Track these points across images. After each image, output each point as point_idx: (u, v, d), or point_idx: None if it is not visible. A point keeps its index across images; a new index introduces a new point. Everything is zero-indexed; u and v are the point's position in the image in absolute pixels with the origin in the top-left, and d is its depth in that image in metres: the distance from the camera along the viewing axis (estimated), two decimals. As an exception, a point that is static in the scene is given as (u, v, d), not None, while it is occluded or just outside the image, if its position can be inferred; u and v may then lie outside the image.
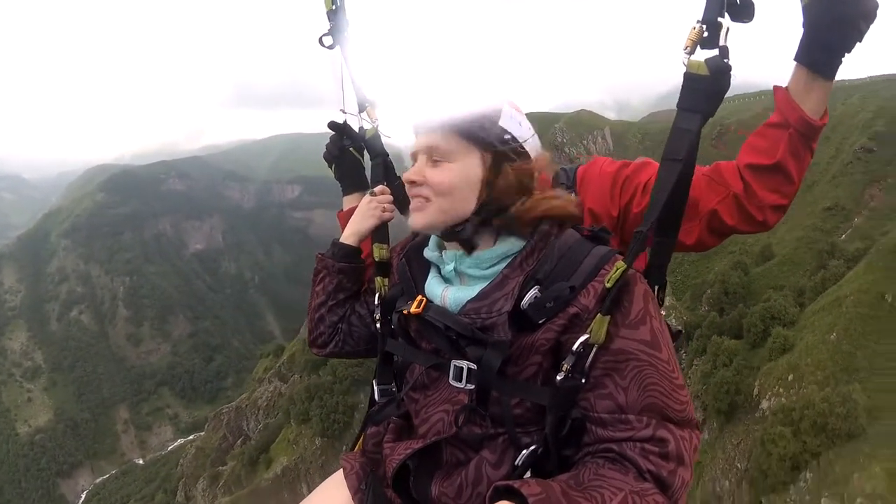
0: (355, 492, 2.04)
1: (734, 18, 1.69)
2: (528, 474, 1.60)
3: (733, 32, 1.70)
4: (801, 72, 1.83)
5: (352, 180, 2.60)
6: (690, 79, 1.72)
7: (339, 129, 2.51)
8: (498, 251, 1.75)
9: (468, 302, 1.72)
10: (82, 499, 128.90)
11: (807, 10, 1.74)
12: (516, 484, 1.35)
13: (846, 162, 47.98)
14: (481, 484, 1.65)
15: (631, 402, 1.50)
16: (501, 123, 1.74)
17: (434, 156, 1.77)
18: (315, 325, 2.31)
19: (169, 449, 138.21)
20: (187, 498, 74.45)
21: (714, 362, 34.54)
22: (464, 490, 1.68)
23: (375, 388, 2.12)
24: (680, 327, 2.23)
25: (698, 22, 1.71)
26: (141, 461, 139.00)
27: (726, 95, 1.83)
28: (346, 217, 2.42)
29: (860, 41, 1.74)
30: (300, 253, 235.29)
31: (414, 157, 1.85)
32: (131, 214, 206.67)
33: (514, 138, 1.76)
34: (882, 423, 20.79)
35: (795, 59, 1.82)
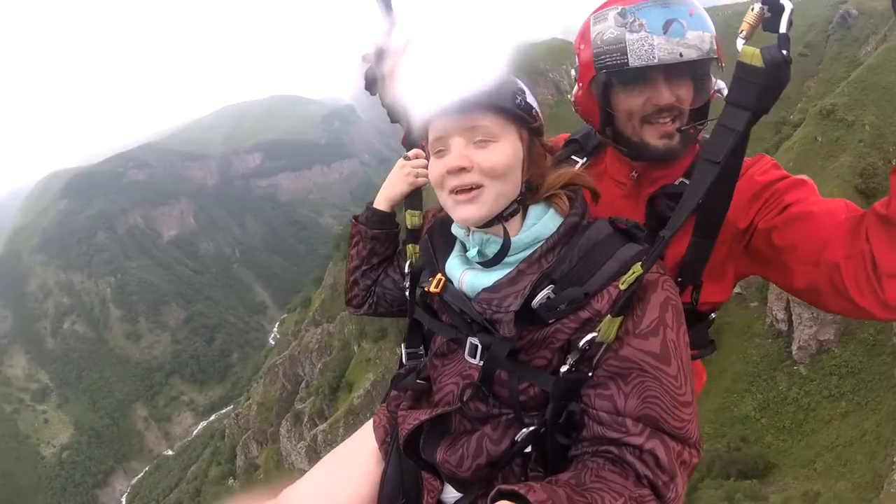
0: (381, 443, 2.12)
1: None
2: (528, 448, 1.64)
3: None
4: None
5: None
6: (742, 69, 1.58)
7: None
8: (524, 240, 1.70)
9: (483, 290, 1.71)
10: (123, 503, 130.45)
11: None
12: (522, 489, 1.32)
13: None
14: (480, 457, 1.69)
15: (629, 409, 1.49)
16: (529, 100, 1.69)
17: (478, 136, 1.64)
18: (350, 286, 2.37)
19: (194, 433, 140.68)
20: (247, 458, 79.76)
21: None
22: (464, 460, 1.72)
23: (403, 351, 2.15)
24: (713, 338, 2.26)
25: (758, 3, 1.56)
26: (170, 452, 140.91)
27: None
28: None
29: None
30: (273, 220, 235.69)
31: (442, 141, 1.69)
32: (99, 214, 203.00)
33: (538, 113, 1.71)
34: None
35: None
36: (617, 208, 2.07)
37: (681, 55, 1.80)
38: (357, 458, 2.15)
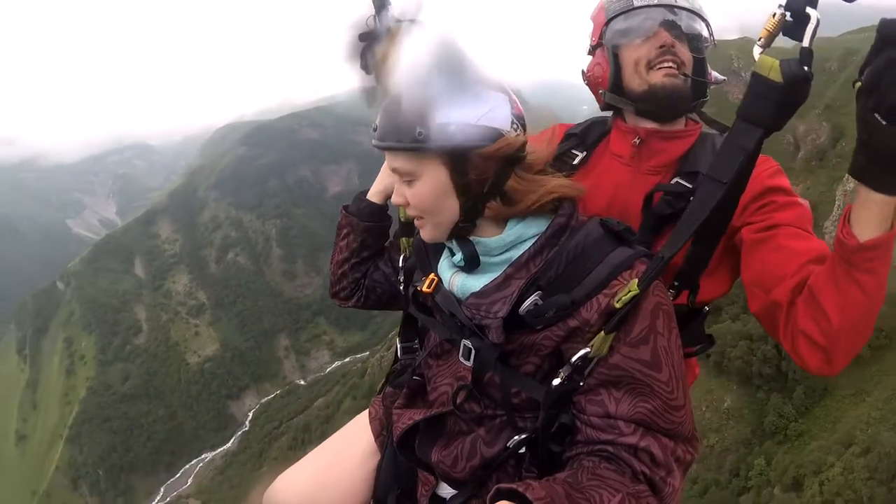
0: (377, 436, 2.16)
1: None
2: (523, 449, 1.65)
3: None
4: (859, 186, 1.38)
5: None
6: (758, 82, 1.42)
7: None
8: (506, 239, 1.65)
9: (471, 295, 1.68)
10: (249, 417, 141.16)
11: (860, 121, 1.29)
12: (521, 487, 1.30)
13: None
14: (474, 458, 1.71)
15: (621, 413, 1.48)
16: (440, 121, 1.49)
17: (402, 177, 1.64)
18: (338, 279, 2.27)
19: (328, 370, 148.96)
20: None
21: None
22: (459, 461, 1.73)
23: (398, 344, 2.16)
24: (710, 332, 2.17)
25: (780, 7, 1.42)
26: (303, 382, 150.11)
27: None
28: None
29: None
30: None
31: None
32: (272, 163, 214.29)
33: (460, 126, 1.50)
34: None
35: (849, 172, 1.36)
36: (617, 181, 2.09)
37: (676, 0, 1.97)
38: (352, 449, 2.18)
